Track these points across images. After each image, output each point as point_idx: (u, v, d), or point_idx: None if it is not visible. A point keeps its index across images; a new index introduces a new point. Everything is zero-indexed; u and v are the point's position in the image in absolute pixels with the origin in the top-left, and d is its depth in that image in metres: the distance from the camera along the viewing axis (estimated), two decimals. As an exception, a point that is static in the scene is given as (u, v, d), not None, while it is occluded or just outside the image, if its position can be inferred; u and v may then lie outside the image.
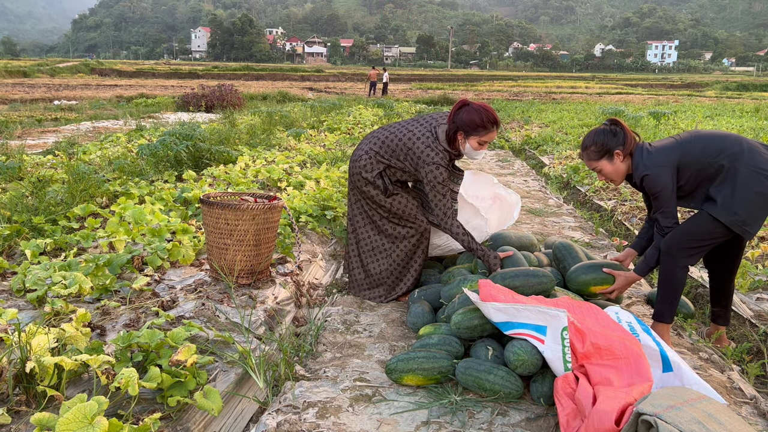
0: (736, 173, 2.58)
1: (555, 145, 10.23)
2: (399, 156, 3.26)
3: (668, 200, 2.70)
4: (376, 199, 3.41)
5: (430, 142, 3.15)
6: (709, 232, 2.66)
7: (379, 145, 3.34)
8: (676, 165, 2.68)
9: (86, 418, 1.75)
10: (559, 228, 5.32)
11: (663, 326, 2.82)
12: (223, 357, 2.51)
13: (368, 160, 3.35)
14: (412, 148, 3.18)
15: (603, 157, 2.81)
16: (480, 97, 28.02)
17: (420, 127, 3.24)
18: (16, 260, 3.61)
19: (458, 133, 3.13)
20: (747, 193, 2.55)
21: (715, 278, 3.02)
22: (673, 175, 2.68)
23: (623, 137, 2.78)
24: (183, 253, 3.66)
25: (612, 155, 2.79)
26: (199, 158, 7.03)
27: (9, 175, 5.66)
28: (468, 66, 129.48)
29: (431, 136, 3.17)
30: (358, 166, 3.38)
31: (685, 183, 2.71)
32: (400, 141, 3.25)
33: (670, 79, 68.94)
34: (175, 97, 19.43)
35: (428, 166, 3.11)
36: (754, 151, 2.61)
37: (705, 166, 2.65)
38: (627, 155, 2.80)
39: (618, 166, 2.81)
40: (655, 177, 2.68)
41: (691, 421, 1.70)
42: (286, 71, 61.30)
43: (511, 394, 2.34)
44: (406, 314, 3.22)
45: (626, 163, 2.81)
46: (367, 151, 3.36)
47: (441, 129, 3.20)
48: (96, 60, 74.28)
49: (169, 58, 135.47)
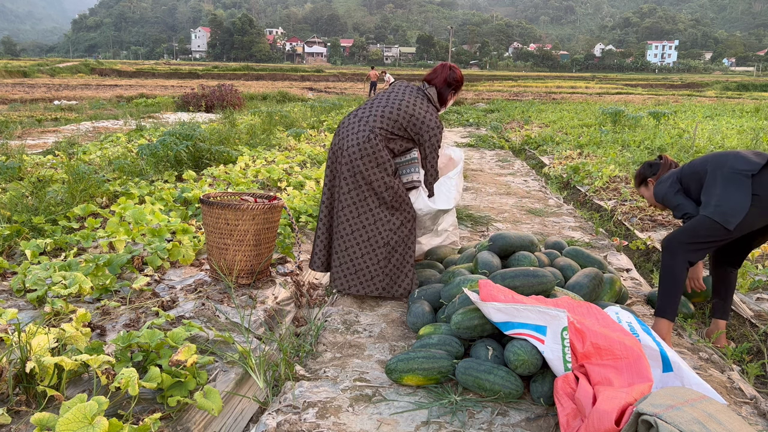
0: (719, 176, 2.79)
1: (555, 145, 10.23)
2: (402, 126, 3.28)
3: (673, 200, 2.98)
4: (381, 182, 3.24)
5: (428, 107, 3.33)
6: (705, 229, 2.76)
7: (380, 120, 3.23)
8: (678, 178, 3.00)
9: (86, 418, 1.75)
10: (559, 228, 5.32)
11: (665, 323, 2.82)
12: (223, 357, 2.51)
13: (376, 140, 3.20)
14: (414, 115, 3.27)
15: (641, 185, 3.31)
16: (480, 97, 28.03)
17: (412, 96, 3.34)
18: (16, 260, 3.61)
19: (450, 93, 3.48)
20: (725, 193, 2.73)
21: (717, 267, 3.11)
22: (674, 182, 3.00)
23: (657, 168, 3.20)
24: (183, 253, 3.66)
25: (647, 183, 3.25)
26: (199, 158, 7.03)
27: (9, 175, 5.66)
28: (468, 66, 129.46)
29: (426, 101, 3.36)
30: (367, 148, 3.18)
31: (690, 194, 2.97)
32: (400, 110, 3.26)
33: (670, 79, 68.96)
34: (175, 97, 19.44)
35: (432, 130, 3.30)
36: (738, 157, 2.81)
37: (699, 175, 2.90)
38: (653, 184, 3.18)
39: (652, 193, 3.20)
40: (658, 189, 3.08)
41: (691, 421, 1.70)
42: (286, 71, 61.32)
43: (511, 394, 2.34)
44: (406, 314, 3.21)
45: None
46: (372, 129, 3.20)
47: (430, 92, 3.41)
48: (96, 60, 74.27)
49: (169, 58, 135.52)
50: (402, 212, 3.35)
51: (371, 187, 3.26)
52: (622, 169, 7.49)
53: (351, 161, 3.23)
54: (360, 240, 3.33)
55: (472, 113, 19.03)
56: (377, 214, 3.30)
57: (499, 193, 6.92)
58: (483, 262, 3.23)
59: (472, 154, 10.36)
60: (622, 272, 4.05)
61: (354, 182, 3.27)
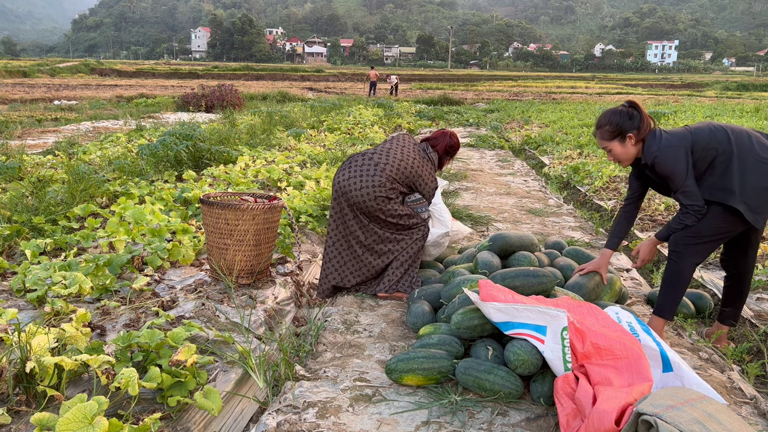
0: (745, 163, 2.58)
1: (555, 145, 10.23)
2: (410, 181, 3.52)
3: (684, 178, 2.65)
4: (394, 211, 3.43)
5: (431, 171, 3.65)
6: (716, 227, 2.65)
7: (395, 171, 3.43)
8: (690, 148, 2.66)
9: (86, 418, 1.75)
10: (559, 228, 5.32)
11: (660, 321, 2.82)
12: (223, 357, 2.51)
13: (390, 184, 3.40)
14: (421, 176, 3.56)
15: (615, 138, 2.80)
16: (480, 97, 28.03)
17: (419, 156, 3.60)
18: (16, 260, 3.61)
19: (447, 159, 3.82)
20: (756, 184, 2.56)
21: (732, 278, 3.00)
22: (687, 155, 2.64)
23: (639, 121, 2.75)
24: (183, 253, 3.66)
25: (624, 137, 2.77)
26: (199, 158, 7.03)
27: (9, 175, 5.66)
28: (468, 66, 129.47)
29: (431, 165, 3.66)
30: (381, 192, 3.36)
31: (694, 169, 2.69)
32: (411, 168, 3.50)
33: (670, 79, 68.95)
34: (175, 97, 19.44)
35: (431, 190, 3.65)
36: (761, 144, 2.63)
37: (715, 152, 2.63)
38: (639, 140, 2.78)
39: (628, 149, 2.80)
40: (665, 156, 2.66)
41: (691, 421, 1.70)
42: (286, 71, 61.32)
43: (511, 394, 2.34)
44: (406, 314, 3.21)
45: (637, 148, 2.79)
46: (388, 177, 3.39)
47: (433, 156, 3.70)
48: (96, 60, 74.25)
49: (169, 58, 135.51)
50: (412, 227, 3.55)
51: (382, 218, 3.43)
52: (622, 169, 7.48)
53: (366, 202, 3.37)
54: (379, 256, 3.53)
55: (472, 113, 19.03)
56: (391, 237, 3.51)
57: (499, 193, 6.92)
58: (483, 262, 3.24)
59: (472, 154, 10.36)
60: (622, 272, 4.05)
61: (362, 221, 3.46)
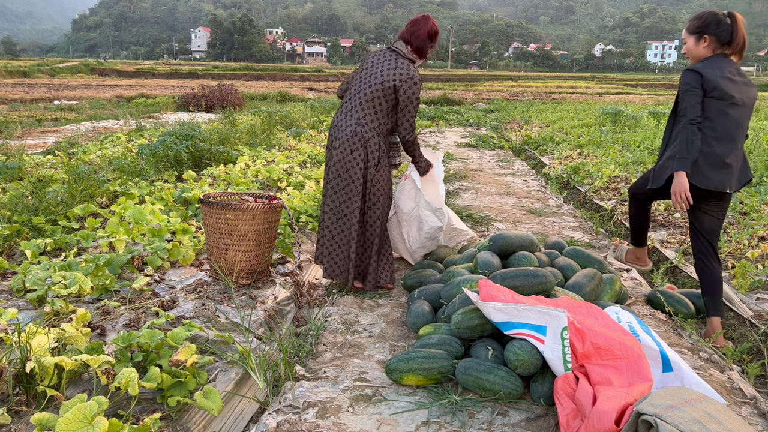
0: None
1: (555, 145, 10.23)
2: (384, 98, 3.31)
3: (692, 100, 2.91)
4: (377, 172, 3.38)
5: (398, 62, 3.32)
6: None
7: (366, 105, 3.31)
8: (701, 84, 2.90)
9: (86, 418, 1.75)
10: (559, 228, 5.32)
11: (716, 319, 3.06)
12: (223, 357, 2.51)
13: (369, 131, 3.32)
14: (388, 80, 3.27)
15: (693, 34, 3.01)
16: (480, 97, 28.03)
17: (388, 61, 3.34)
18: (16, 260, 3.61)
19: (430, 45, 3.42)
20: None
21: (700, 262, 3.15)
22: (696, 91, 2.90)
23: (724, 33, 2.92)
24: (183, 253, 3.66)
25: (701, 37, 2.98)
26: (199, 158, 7.03)
27: (9, 175, 5.65)
28: (468, 66, 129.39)
29: (395, 57, 3.35)
30: (355, 141, 3.30)
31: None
32: (377, 84, 3.29)
33: (671, 79, 68.90)
34: (175, 97, 19.43)
35: (409, 81, 3.28)
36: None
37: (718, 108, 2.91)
38: (711, 49, 2.97)
39: (699, 50, 3.01)
40: (684, 87, 2.95)
41: (691, 421, 1.70)
42: (286, 71, 61.29)
43: (511, 394, 2.34)
44: (406, 314, 3.22)
45: (706, 53, 2.99)
46: (359, 121, 3.30)
47: (405, 49, 3.38)
48: (97, 60, 74.23)
49: (169, 58, 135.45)
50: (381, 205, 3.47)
51: (354, 180, 3.36)
52: (622, 169, 7.48)
53: (352, 154, 3.33)
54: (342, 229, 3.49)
55: (472, 113, 19.03)
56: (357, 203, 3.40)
57: (499, 193, 6.92)
58: (483, 262, 3.23)
59: (472, 154, 10.36)
60: (622, 272, 4.05)
61: (342, 177, 3.39)
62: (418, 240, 3.85)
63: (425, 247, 3.89)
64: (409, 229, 3.85)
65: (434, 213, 3.78)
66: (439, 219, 3.79)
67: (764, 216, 4.99)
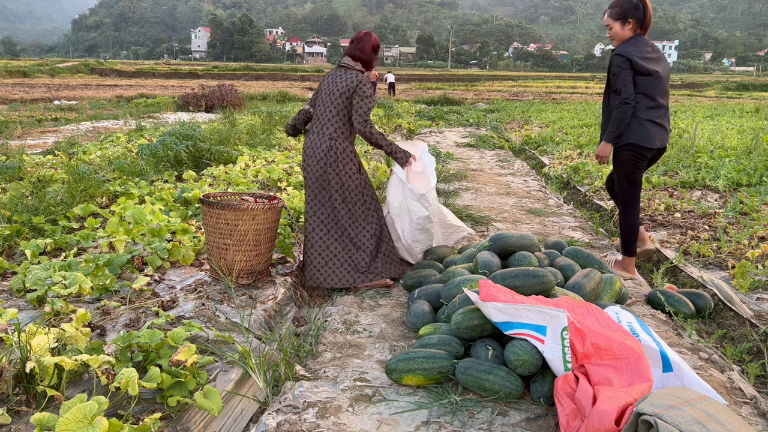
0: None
1: (555, 145, 10.23)
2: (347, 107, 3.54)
3: (625, 81, 3.41)
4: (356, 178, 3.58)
5: (356, 73, 3.59)
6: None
7: (334, 119, 3.53)
8: (631, 65, 3.40)
9: (86, 418, 1.75)
10: (559, 228, 5.32)
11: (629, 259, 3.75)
12: (223, 357, 2.51)
13: (342, 142, 3.54)
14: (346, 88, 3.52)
15: (618, 20, 3.52)
16: (480, 98, 28.04)
17: (341, 76, 3.58)
18: (16, 260, 3.61)
19: (375, 57, 3.75)
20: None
21: (630, 206, 3.77)
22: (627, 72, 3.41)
23: (641, 15, 3.47)
24: (183, 253, 3.66)
25: (625, 21, 3.50)
26: (199, 158, 7.03)
27: (9, 175, 5.66)
28: (468, 66, 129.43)
29: (353, 71, 3.60)
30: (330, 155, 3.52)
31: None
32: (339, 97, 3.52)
33: (670, 79, 68.89)
34: (175, 97, 19.44)
35: (361, 83, 3.54)
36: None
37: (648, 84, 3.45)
38: (633, 31, 3.51)
39: (625, 32, 3.52)
40: (618, 67, 3.44)
41: (691, 421, 1.70)
42: (286, 71, 61.33)
43: (511, 394, 2.34)
44: (406, 314, 3.22)
45: (629, 34, 3.52)
46: (331, 136, 3.53)
47: (353, 63, 3.64)
48: (97, 60, 74.21)
49: (169, 58, 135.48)
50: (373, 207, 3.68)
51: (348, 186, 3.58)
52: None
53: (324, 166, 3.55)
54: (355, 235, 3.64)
55: (472, 113, 19.03)
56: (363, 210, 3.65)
57: (499, 193, 6.92)
58: (483, 262, 3.23)
59: (472, 154, 10.36)
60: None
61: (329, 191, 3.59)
62: (411, 233, 3.84)
63: (420, 241, 3.87)
64: (402, 224, 3.86)
65: (419, 201, 3.75)
66: (424, 207, 3.76)
67: (764, 216, 4.99)
